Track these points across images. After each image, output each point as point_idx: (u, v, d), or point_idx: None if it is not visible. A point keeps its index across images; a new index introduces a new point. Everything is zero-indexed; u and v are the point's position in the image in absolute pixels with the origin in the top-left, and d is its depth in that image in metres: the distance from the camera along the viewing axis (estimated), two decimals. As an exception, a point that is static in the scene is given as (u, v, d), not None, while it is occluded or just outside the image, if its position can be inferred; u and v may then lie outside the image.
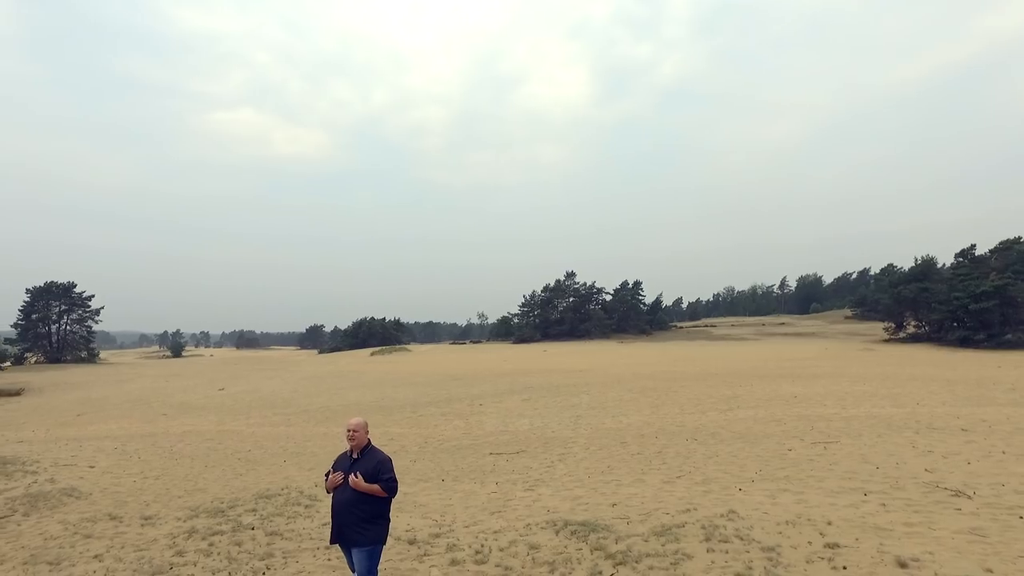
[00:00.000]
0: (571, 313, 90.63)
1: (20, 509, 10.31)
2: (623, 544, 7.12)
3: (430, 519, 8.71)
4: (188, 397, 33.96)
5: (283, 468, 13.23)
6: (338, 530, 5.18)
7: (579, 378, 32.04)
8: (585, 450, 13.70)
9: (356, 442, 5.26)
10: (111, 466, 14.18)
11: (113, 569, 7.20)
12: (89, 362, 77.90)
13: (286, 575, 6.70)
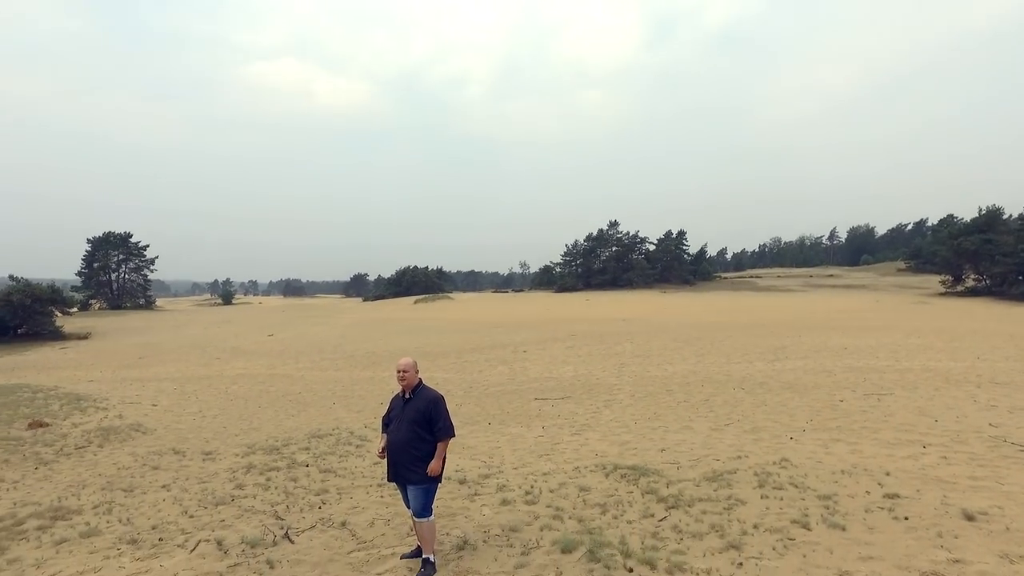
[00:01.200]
0: (614, 263, 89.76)
1: (95, 441, 10.90)
2: (674, 488, 7.07)
3: (479, 460, 8.82)
4: (240, 342, 35.13)
5: (332, 410, 13.59)
6: (393, 469, 5.23)
7: (622, 327, 31.87)
8: (630, 397, 13.64)
9: (407, 382, 5.26)
10: (172, 405, 14.81)
11: (180, 498, 7.53)
12: (147, 309, 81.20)
13: (341, 510, 6.88)
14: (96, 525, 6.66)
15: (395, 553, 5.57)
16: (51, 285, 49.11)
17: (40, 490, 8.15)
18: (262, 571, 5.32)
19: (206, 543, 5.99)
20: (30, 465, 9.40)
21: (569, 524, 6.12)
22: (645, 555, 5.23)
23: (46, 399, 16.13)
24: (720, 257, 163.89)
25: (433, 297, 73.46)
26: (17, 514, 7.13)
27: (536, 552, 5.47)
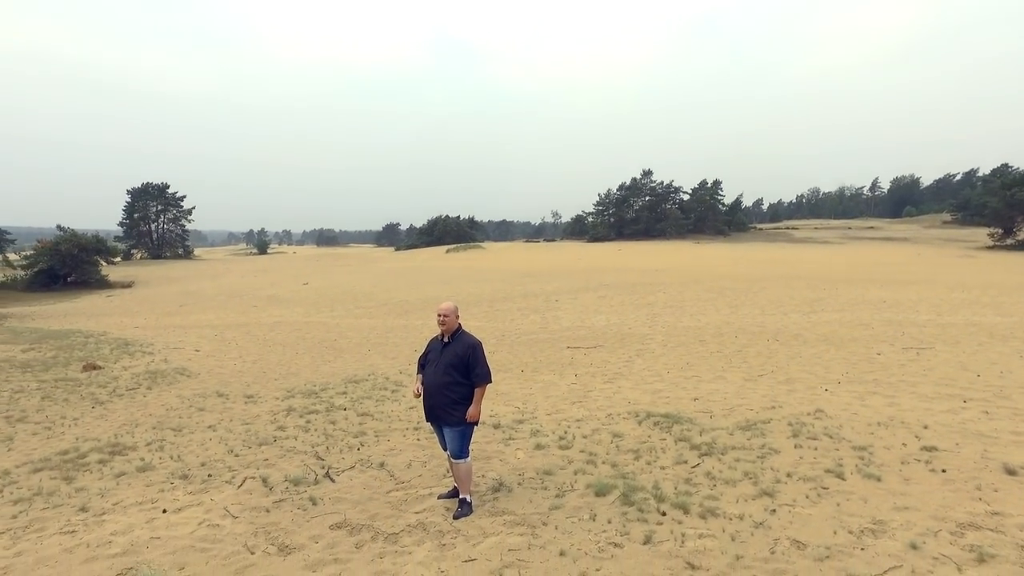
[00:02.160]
0: (647, 212, 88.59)
1: (144, 383, 11.37)
2: (707, 436, 7.11)
3: (512, 406, 8.96)
4: (276, 291, 35.88)
5: (367, 356, 13.88)
6: (430, 410, 5.34)
7: (654, 277, 31.64)
8: (663, 347, 13.62)
9: (447, 327, 5.32)
10: (213, 351, 15.30)
11: (225, 438, 7.86)
12: (185, 258, 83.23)
13: (379, 451, 7.10)
14: (150, 461, 7.00)
15: (432, 493, 5.75)
16: (95, 235, 50.55)
17: (98, 427, 8.58)
18: (305, 507, 5.55)
19: (252, 480, 6.27)
20: (87, 404, 9.88)
21: (602, 469, 6.22)
22: (678, 500, 5.31)
23: (97, 344, 16.82)
24: (756, 208, 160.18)
25: (465, 246, 73.69)
26: (80, 448, 7.54)
27: (570, 495, 5.59)
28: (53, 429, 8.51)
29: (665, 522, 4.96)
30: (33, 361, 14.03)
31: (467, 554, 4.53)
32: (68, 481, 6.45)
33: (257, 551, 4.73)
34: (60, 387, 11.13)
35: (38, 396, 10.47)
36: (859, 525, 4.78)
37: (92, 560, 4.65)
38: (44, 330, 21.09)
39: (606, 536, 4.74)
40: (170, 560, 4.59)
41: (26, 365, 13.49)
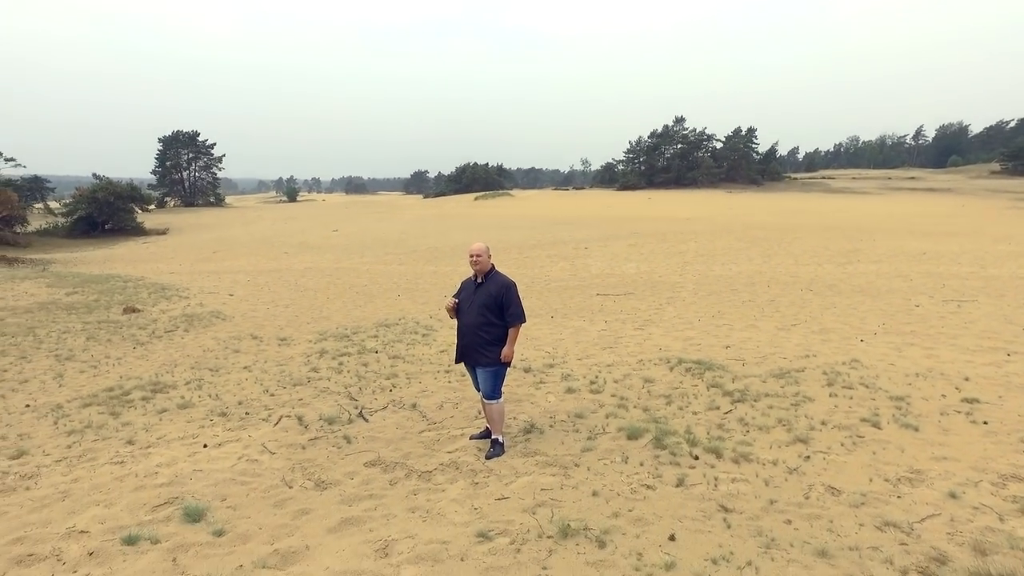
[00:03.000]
0: (678, 160, 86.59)
1: (181, 326, 11.65)
2: (740, 383, 7.05)
3: (543, 351, 8.98)
4: (306, 237, 36.21)
5: (398, 301, 13.99)
6: (463, 351, 5.35)
7: (685, 226, 31.14)
8: (694, 295, 13.48)
9: (480, 267, 5.27)
10: (247, 295, 15.57)
11: (260, 379, 8.04)
12: (217, 206, 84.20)
13: (411, 393, 7.19)
14: (190, 399, 7.21)
15: (464, 434, 5.82)
16: (130, 183, 51.27)
17: (140, 366, 8.85)
18: (340, 445, 5.67)
19: (287, 418, 6.41)
20: (129, 345, 10.17)
21: (634, 413, 6.23)
22: (711, 444, 5.29)
23: (136, 288, 17.24)
24: (791, 157, 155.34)
25: (493, 194, 73.12)
26: (124, 385, 7.79)
27: (602, 437, 5.61)
28: (98, 368, 8.80)
29: (698, 466, 4.96)
30: (77, 304, 14.45)
31: (500, 492, 4.59)
32: (115, 416, 6.68)
33: (295, 485, 4.86)
34: (103, 328, 11.47)
35: (83, 336, 10.81)
36: (896, 473, 4.72)
37: (141, 489, 4.83)
38: (85, 275, 21.66)
39: (638, 478, 4.76)
40: (212, 492, 4.75)
41: (71, 307, 13.91)
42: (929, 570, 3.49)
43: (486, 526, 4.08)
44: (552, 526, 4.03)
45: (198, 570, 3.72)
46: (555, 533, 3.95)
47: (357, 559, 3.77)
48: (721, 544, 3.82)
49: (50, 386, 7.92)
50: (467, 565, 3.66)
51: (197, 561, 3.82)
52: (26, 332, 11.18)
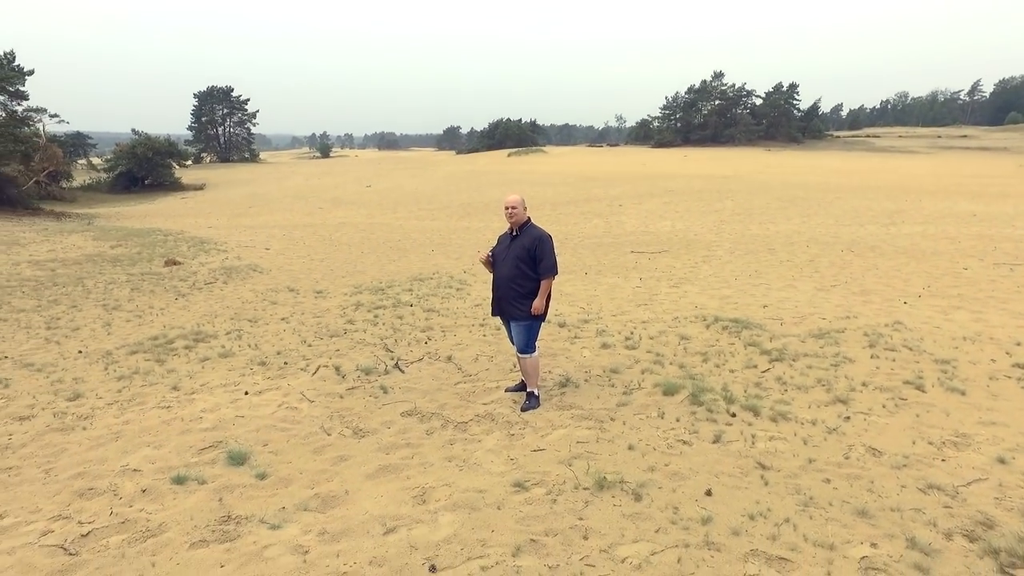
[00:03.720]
0: (715, 117, 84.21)
1: (220, 278, 11.89)
2: (778, 343, 6.93)
3: (577, 307, 8.94)
4: (339, 193, 36.39)
5: (431, 256, 14.04)
6: (498, 304, 5.34)
7: (722, 184, 30.43)
8: (730, 254, 13.24)
9: (515, 219, 5.20)
10: (282, 249, 15.77)
11: (298, 330, 8.18)
12: (252, 162, 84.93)
13: (446, 346, 7.25)
14: (230, 348, 7.38)
15: (499, 386, 5.86)
16: (167, 139, 51.84)
17: (182, 316, 9.08)
18: (377, 395, 5.77)
19: (325, 368, 6.53)
20: (171, 296, 10.43)
21: (670, 369, 6.18)
22: (748, 402, 5.24)
23: (176, 241, 17.60)
24: (834, 114, 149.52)
25: (526, 150, 72.22)
26: (167, 334, 8.01)
27: (638, 392, 5.60)
28: (143, 317, 9.05)
29: (735, 423, 4.92)
30: (121, 256, 14.83)
31: (536, 444, 4.63)
32: (160, 363, 6.89)
33: (333, 433, 4.97)
34: (146, 280, 11.77)
35: (128, 287, 11.11)
36: (940, 437, 4.62)
37: (187, 432, 5.00)
38: (128, 228, 22.18)
39: (675, 433, 4.75)
40: (254, 437, 4.88)
41: (115, 260, 14.28)
42: (975, 534, 3.43)
43: (522, 476, 4.12)
44: (588, 478, 4.06)
45: (243, 510, 3.85)
46: (591, 485, 3.97)
47: (396, 505, 3.85)
48: (758, 500, 3.80)
49: (99, 334, 8.19)
50: (504, 514, 3.71)
51: (242, 502, 3.95)
52: (76, 282, 11.54)
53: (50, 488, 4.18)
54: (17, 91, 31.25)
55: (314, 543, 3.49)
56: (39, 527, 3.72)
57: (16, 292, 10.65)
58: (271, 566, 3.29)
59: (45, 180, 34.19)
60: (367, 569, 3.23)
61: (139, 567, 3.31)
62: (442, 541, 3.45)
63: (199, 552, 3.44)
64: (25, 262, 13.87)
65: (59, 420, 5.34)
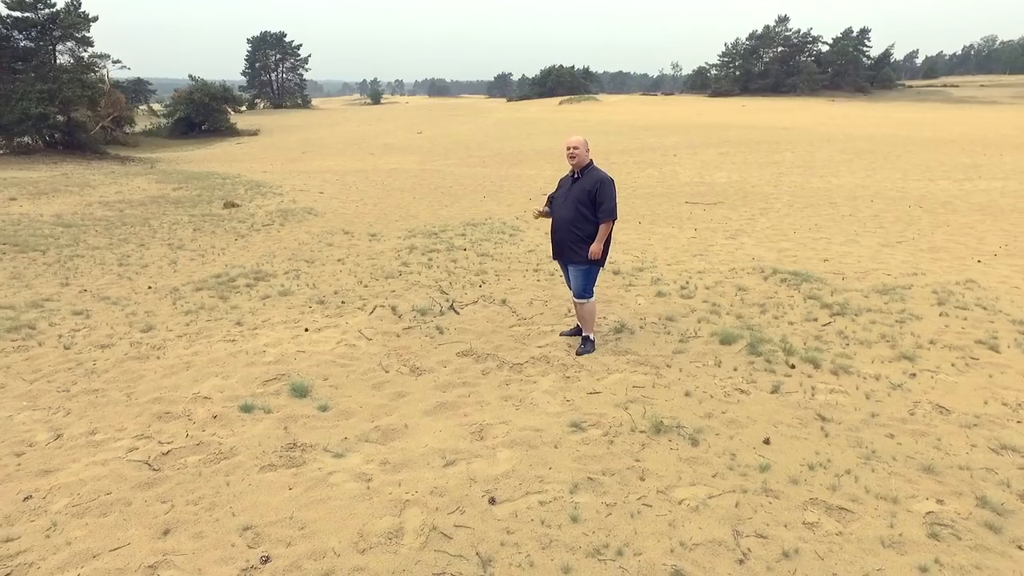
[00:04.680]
0: (777, 65, 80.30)
1: (277, 220, 12.16)
2: (839, 297, 6.72)
3: (631, 255, 8.83)
4: (391, 139, 36.45)
5: (483, 203, 14.01)
6: (557, 248, 5.29)
7: (782, 135, 29.22)
8: (789, 207, 12.79)
9: (577, 160, 5.09)
10: (336, 193, 15.97)
11: (354, 271, 8.34)
12: (304, 108, 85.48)
13: (500, 289, 7.28)
14: (289, 287, 7.58)
15: (554, 330, 5.88)
16: (222, 84, 52.56)
17: (242, 256, 9.35)
18: (432, 335, 5.86)
19: (382, 308, 6.66)
20: (231, 236, 10.74)
21: (727, 319, 6.09)
22: (808, 354, 5.12)
23: (233, 185, 18.01)
24: (907, 62, 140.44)
25: (578, 98, 70.54)
26: (229, 273, 8.28)
27: (694, 341, 5.54)
28: (205, 256, 9.36)
29: (793, 375, 4.83)
30: (183, 198, 15.28)
31: (592, 387, 4.65)
32: (224, 300, 7.14)
33: (391, 370, 5.09)
34: (207, 221, 12.12)
35: (190, 228, 11.47)
36: (1016, 399, 4.43)
37: (251, 365, 5.20)
38: (187, 172, 22.78)
39: (732, 382, 4.70)
40: (315, 371, 5.04)
41: (178, 202, 14.73)
42: (1053, 495, 3.31)
43: (579, 417, 4.16)
44: (645, 421, 4.06)
45: (307, 438, 4.01)
46: (647, 428, 3.98)
47: (454, 440, 3.95)
48: (818, 451, 3.75)
49: (166, 271, 8.52)
50: (561, 452, 3.76)
51: (306, 431, 4.11)
52: (142, 223, 11.98)
53: (132, 410, 4.44)
54: (83, 37, 31.91)
55: (376, 472, 3.62)
56: (125, 444, 3.97)
57: (90, 231, 11.13)
58: (336, 491, 3.43)
59: (110, 125, 35.25)
60: (428, 498, 3.34)
61: (215, 485, 3.50)
62: (501, 475, 3.53)
63: (268, 475, 3.61)
64: (96, 203, 14.44)
65: (135, 349, 5.62)
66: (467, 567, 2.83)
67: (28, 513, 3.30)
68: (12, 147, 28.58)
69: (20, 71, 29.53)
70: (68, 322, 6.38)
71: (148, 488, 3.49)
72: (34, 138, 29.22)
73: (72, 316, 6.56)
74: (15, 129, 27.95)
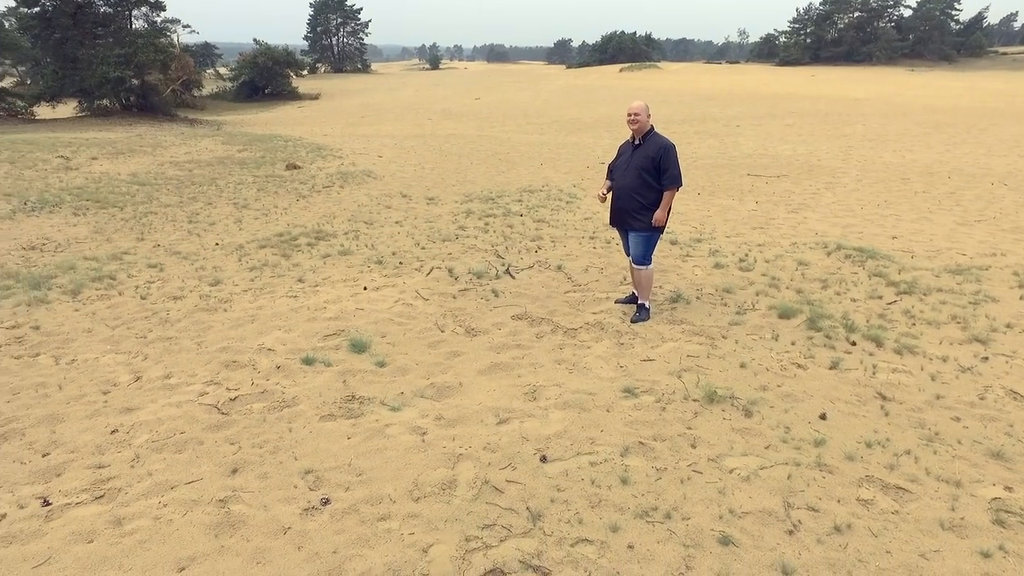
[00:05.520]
0: (852, 32, 75.85)
1: (337, 182, 12.41)
2: (908, 275, 6.45)
3: (689, 226, 8.68)
4: (448, 105, 36.45)
5: (540, 170, 13.93)
6: (617, 214, 5.24)
7: (853, 107, 27.83)
8: (857, 182, 12.24)
9: (638, 126, 5.00)
10: (394, 157, 16.14)
11: (411, 233, 8.47)
12: (364, 72, 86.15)
13: (555, 255, 7.29)
14: (348, 247, 7.78)
15: (609, 298, 5.86)
16: (285, 48, 53.40)
17: (303, 216, 9.61)
18: (488, 297, 5.93)
19: (438, 270, 6.77)
20: (292, 197, 11.03)
21: (786, 293, 5.94)
22: (871, 332, 4.97)
23: (295, 147, 18.41)
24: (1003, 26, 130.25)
25: (639, 66, 68.63)
26: (291, 232, 8.54)
27: (751, 313, 5.44)
28: (269, 215, 9.66)
29: (854, 352, 4.71)
30: (247, 160, 15.73)
31: (645, 354, 4.64)
32: (286, 257, 7.39)
33: (446, 330, 5.19)
34: (270, 182, 12.47)
35: (254, 188, 11.83)
36: (1100, 387, 4.20)
37: (312, 320, 5.39)
38: (252, 134, 23.39)
39: (789, 356, 4.61)
40: (373, 328, 5.19)
41: (242, 163, 15.18)
42: None
43: (632, 383, 4.17)
44: (698, 390, 4.05)
45: (365, 392, 4.15)
46: (701, 397, 3.97)
47: (508, 399, 4.03)
48: (876, 430, 3.67)
49: (232, 229, 8.84)
50: (613, 416, 3.79)
51: (364, 385, 4.26)
52: (209, 182, 12.42)
53: (202, 357, 4.69)
54: (156, 2, 32.89)
55: (431, 426, 3.74)
56: (196, 388, 4.21)
57: (162, 189, 11.62)
58: (392, 442, 3.57)
59: (180, 88, 36.37)
60: (481, 453, 3.43)
61: (279, 431, 3.69)
62: (552, 435, 3.59)
63: (328, 424, 3.77)
64: (168, 163, 15.03)
65: (204, 302, 5.90)
66: (517, 520, 2.91)
67: (115, 445, 3.56)
68: (92, 109, 29.94)
69: (100, 36, 30.71)
70: (144, 274, 6.73)
71: (217, 430, 3.71)
72: (112, 101, 30.48)
73: (147, 269, 6.92)
74: (96, 92, 29.23)
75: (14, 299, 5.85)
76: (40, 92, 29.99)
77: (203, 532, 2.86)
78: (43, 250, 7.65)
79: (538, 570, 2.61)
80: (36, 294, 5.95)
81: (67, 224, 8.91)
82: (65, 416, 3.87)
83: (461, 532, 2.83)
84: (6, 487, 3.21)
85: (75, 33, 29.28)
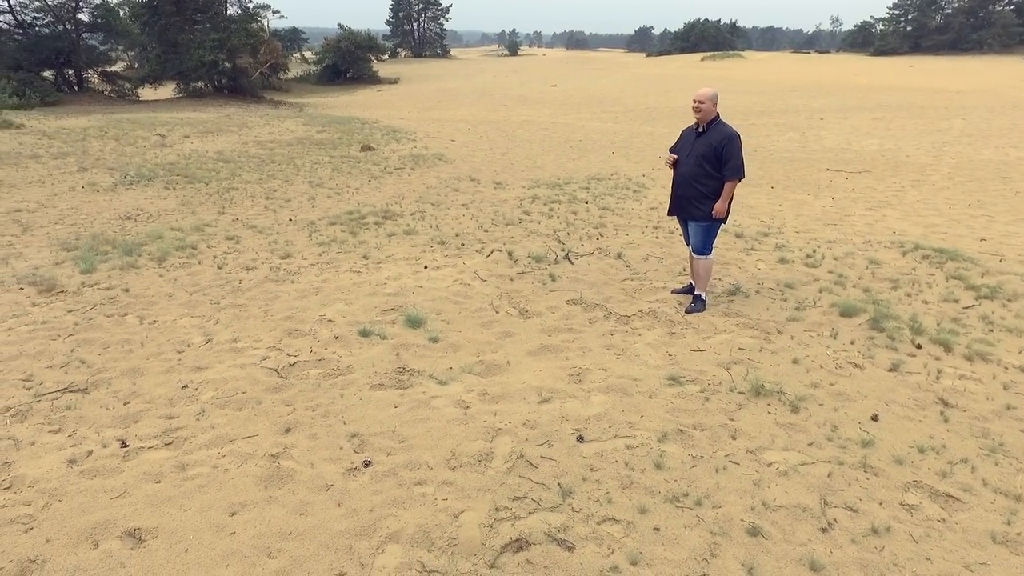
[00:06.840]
0: (962, 17, 70.18)
1: (408, 165, 12.74)
2: (991, 279, 6.08)
3: (758, 220, 8.44)
4: (524, 91, 36.48)
5: (611, 159, 13.82)
6: (677, 202, 5.19)
7: (954, 100, 26.04)
8: (948, 180, 11.51)
9: (703, 114, 4.92)
10: (466, 142, 16.37)
11: (476, 216, 8.62)
12: (443, 57, 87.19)
13: (617, 243, 7.27)
14: (414, 227, 8.00)
15: (666, 287, 5.82)
16: (367, 33, 54.72)
17: (373, 196, 9.94)
18: (545, 281, 6.00)
19: (499, 252, 6.88)
20: (365, 177, 11.42)
21: (852, 292, 5.72)
22: (940, 336, 4.73)
23: (371, 130, 18.96)
24: None
25: (723, 55, 66.38)
26: (360, 211, 8.86)
27: (811, 310, 5.28)
28: (341, 195, 10.03)
29: (919, 355, 4.50)
30: (325, 140, 16.35)
31: (696, 344, 4.60)
32: (353, 235, 7.68)
33: (501, 311, 5.30)
34: (344, 162, 12.93)
35: (329, 168, 12.30)
36: None
37: (373, 295, 5.62)
38: (331, 116, 24.20)
39: (846, 355, 4.47)
40: (430, 306, 5.36)
41: (320, 144, 15.79)
42: None
43: (678, 372, 4.16)
44: (745, 383, 3.99)
45: (416, 365, 4.32)
46: (747, 390, 3.92)
47: (552, 380, 4.10)
48: (932, 436, 3.53)
49: (305, 206, 9.25)
50: (655, 403, 3.80)
51: (415, 358, 4.42)
52: (288, 161, 13.00)
53: (267, 324, 4.98)
54: (249, -13, 34.51)
55: (475, 400, 3.86)
56: (260, 353, 4.49)
57: (245, 166, 12.26)
58: (436, 413, 3.71)
59: (267, 72, 37.96)
60: (520, 429, 3.52)
61: (331, 396, 3.90)
62: (592, 417, 3.65)
63: (378, 393, 3.95)
64: (251, 142, 15.81)
65: (274, 273, 6.24)
66: (547, 495, 2.99)
67: (184, 399, 3.87)
68: (188, 91, 31.76)
69: (199, 22, 32.45)
70: (222, 245, 7.17)
71: (275, 392, 3.96)
72: (205, 83, 32.20)
73: (225, 240, 7.36)
74: (192, 75, 30.97)
75: (110, 263, 6.37)
76: (145, 75, 32.05)
77: (254, 482, 3.09)
78: (137, 220, 8.26)
79: (562, 544, 2.68)
80: (128, 259, 6.46)
81: (159, 197, 9.57)
82: (144, 370, 4.22)
83: (492, 502, 2.94)
84: (93, 428, 3.55)
85: (177, 19, 31.05)
